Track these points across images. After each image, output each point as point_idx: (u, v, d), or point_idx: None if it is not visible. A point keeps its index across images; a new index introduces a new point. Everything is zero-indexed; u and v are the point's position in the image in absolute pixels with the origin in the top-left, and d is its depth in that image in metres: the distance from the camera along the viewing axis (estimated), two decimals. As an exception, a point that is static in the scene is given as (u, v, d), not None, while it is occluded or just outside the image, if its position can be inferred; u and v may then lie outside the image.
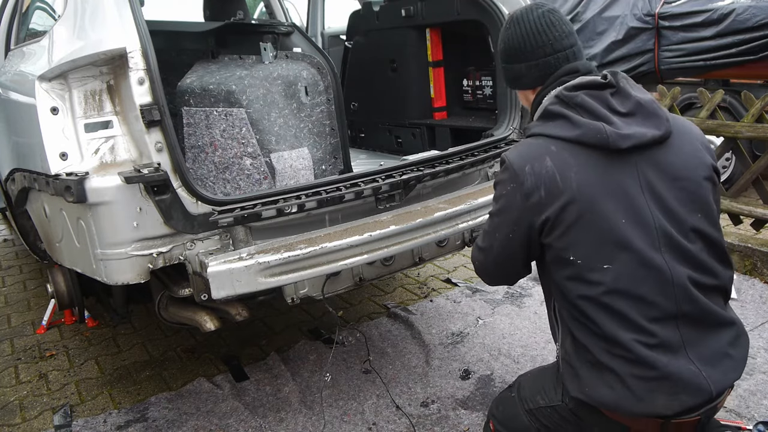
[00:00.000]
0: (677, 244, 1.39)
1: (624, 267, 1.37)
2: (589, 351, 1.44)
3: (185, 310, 2.30)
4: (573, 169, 1.38)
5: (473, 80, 3.41)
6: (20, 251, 4.79)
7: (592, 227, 1.37)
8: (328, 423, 2.52)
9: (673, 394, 1.38)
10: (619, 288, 1.37)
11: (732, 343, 1.45)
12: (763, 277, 3.56)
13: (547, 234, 1.42)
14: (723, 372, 1.42)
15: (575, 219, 1.38)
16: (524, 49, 1.54)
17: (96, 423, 2.60)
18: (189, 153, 2.50)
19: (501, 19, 2.79)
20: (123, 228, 1.90)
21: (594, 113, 1.40)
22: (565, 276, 1.44)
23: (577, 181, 1.38)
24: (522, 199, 1.42)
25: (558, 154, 1.40)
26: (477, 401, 2.61)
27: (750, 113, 4.00)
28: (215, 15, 3.32)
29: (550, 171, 1.39)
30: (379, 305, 3.60)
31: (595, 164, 1.39)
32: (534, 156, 1.42)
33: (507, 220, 1.48)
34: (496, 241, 1.54)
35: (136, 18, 1.90)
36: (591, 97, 1.41)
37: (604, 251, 1.37)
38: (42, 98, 1.90)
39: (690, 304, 1.39)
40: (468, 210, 2.35)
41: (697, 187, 1.42)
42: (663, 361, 1.38)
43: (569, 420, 1.57)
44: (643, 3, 5.94)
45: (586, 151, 1.39)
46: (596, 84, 1.43)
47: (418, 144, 3.51)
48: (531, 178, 1.40)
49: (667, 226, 1.38)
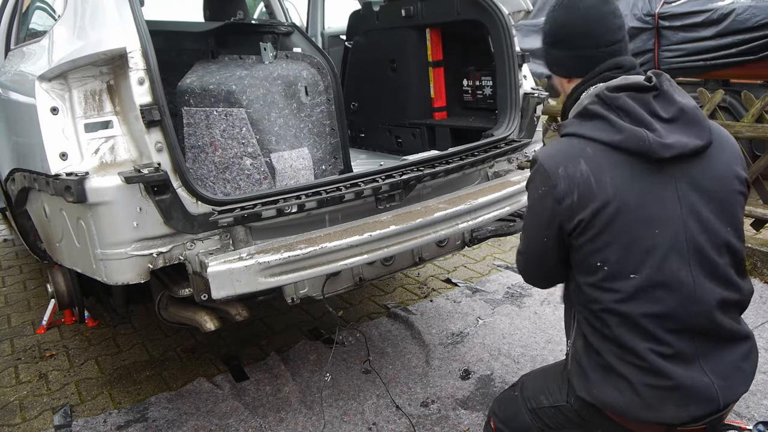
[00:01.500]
0: (707, 259, 1.36)
1: (650, 278, 1.34)
2: (601, 355, 1.42)
3: (185, 310, 2.30)
4: (609, 174, 1.33)
5: (473, 80, 3.41)
6: (20, 251, 4.79)
7: (624, 233, 1.33)
8: (328, 423, 2.52)
9: (683, 405, 1.38)
10: (642, 297, 1.35)
11: (744, 358, 1.45)
12: (763, 277, 3.56)
13: (578, 236, 1.38)
14: (734, 385, 1.41)
15: (608, 223, 1.33)
16: (570, 36, 1.45)
17: (96, 423, 2.60)
18: (189, 153, 2.50)
19: (501, 19, 2.79)
20: (123, 228, 1.90)
21: (636, 118, 1.33)
22: (588, 282, 1.41)
23: (613, 186, 1.33)
24: (554, 202, 1.38)
25: (594, 158, 1.35)
26: (477, 401, 2.61)
27: (750, 113, 4.00)
28: (215, 15, 3.32)
29: (584, 174, 1.34)
30: (379, 305, 3.60)
31: (633, 171, 1.33)
32: (568, 158, 1.37)
33: (540, 223, 1.45)
34: (531, 244, 1.52)
35: (136, 18, 1.90)
36: (633, 99, 1.35)
37: (633, 259, 1.34)
38: (42, 98, 1.90)
39: (707, 319, 1.38)
40: (468, 210, 2.35)
41: (730, 200, 1.39)
42: (677, 372, 1.36)
43: (573, 421, 1.57)
44: (643, 3, 5.94)
45: (624, 157, 1.34)
46: (640, 86, 1.36)
47: (418, 144, 3.51)
48: (564, 181, 1.35)
49: (700, 239, 1.35)
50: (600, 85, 1.40)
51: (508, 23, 2.80)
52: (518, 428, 1.71)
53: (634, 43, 6.10)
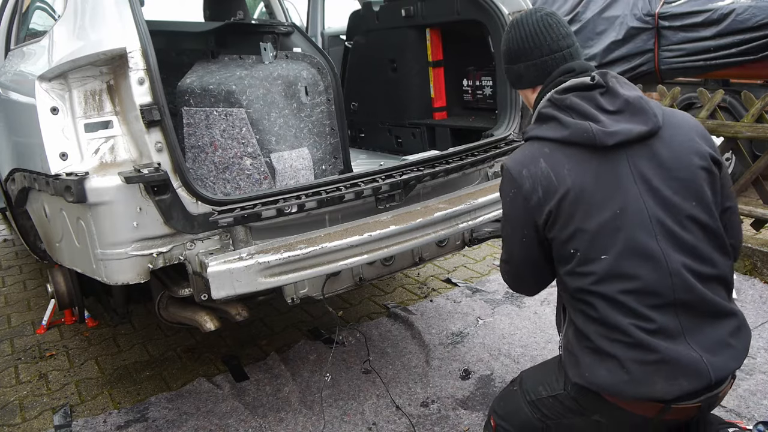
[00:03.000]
0: (672, 233, 1.43)
1: (620, 255, 1.42)
2: (589, 338, 1.48)
3: (185, 310, 2.30)
4: (566, 167, 1.46)
5: (473, 80, 3.41)
6: (20, 251, 4.79)
7: (587, 218, 1.43)
8: (328, 423, 2.52)
9: (671, 378, 1.40)
10: (616, 275, 1.42)
11: (732, 334, 1.47)
12: (763, 277, 3.56)
13: (550, 229, 1.49)
14: (723, 360, 1.43)
15: (572, 211, 1.44)
16: (523, 49, 1.60)
17: (96, 423, 2.60)
18: (189, 153, 2.50)
19: (501, 19, 2.79)
20: (123, 228, 1.90)
21: (582, 113, 1.47)
22: (567, 270, 1.49)
23: (570, 176, 1.45)
24: (523, 201, 1.50)
25: (551, 155, 1.48)
26: (477, 401, 2.61)
27: (750, 113, 4.00)
28: (215, 15, 3.32)
29: (544, 171, 1.47)
30: (379, 305, 3.60)
31: (587, 160, 1.46)
32: (529, 159, 1.51)
33: (516, 225, 1.56)
34: (514, 248, 1.62)
35: (136, 18, 1.90)
36: (580, 98, 1.48)
37: (602, 241, 1.43)
38: (42, 98, 1.90)
39: (687, 292, 1.42)
40: (468, 210, 2.35)
41: (692, 177, 1.46)
42: (662, 345, 1.40)
43: (571, 408, 1.59)
44: (643, 3, 5.94)
45: (576, 150, 1.46)
46: (585, 85, 1.49)
47: (418, 144, 3.51)
48: (528, 180, 1.49)
49: (662, 214, 1.43)
50: (552, 90, 1.55)
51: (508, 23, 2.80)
52: (518, 423, 1.72)
53: (634, 43, 6.10)
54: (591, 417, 1.57)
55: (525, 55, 1.61)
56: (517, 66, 1.64)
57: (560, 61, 1.57)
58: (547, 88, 1.57)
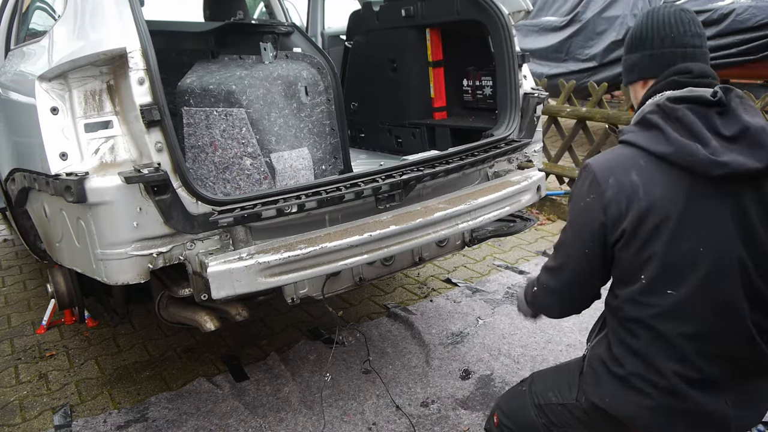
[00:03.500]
0: (753, 284, 1.32)
1: (690, 295, 1.31)
2: (623, 366, 1.41)
3: (185, 310, 2.30)
4: (659, 185, 1.30)
5: (473, 80, 3.41)
6: (20, 251, 4.79)
7: (666, 246, 1.30)
8: (328, 423, 2.52)
9: (696, 428, 1.38)
10: (678, 315, 1.33)
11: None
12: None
13: (622, 248, 1.35)
14: (750, 416, 1.41)
15: (652, 233, 1.31)
16: (645, 37, 1.44)
17: (96, 423, 2.60)
18: (189, 153, 2.50)
19: (501, 19, 2.79)
20: (123, 228, 1.90)
21: (692, 131, 1.29)
22: (625, 293, 1.39)
23: (662, 197, 1.30)
24: (601, 210, 1.35)
25: (645, 169, 1.32)
26: (477, 401, 2.61)
27: (750, 113, 3.99)
28: (215, 15, 3.32)
29: (634, 185, 1.32)
30: (379, 305, 3.60)
31: (685, 185, 1.30)
32: (620, 167, 1.35)
33: (582, 234, 1.41)
34: (571, 258, 1.46)
35: (136, 18, 1.90)
36: (693, 113, 1.31)
37: (674, 274, 1.31)
38: (42, 98, 1.90)
39: (748, 347, 1.36)
40: (468, 210, 2.35)
41: None
42: (699, 399, 1.35)
43: (580, 419, 1.57)
44: (643, 3, 5.95)
45: (676, 171, 1.30)
46: (703, 100, 1.32)
47: (418, 144, 3.51)
48: (613, 189, 1.33)
49: (750, 263, 1.31)
50: (665, 93, 1.37)
51: (508, 23, 2.80)
52: (522, 423, 1.71)
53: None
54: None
55: (645, 44, 1.43)
56: (633, 55, 1.46)
57: (680, 58, 1.39)
58: (658, 86, 1.40)
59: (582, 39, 6.70)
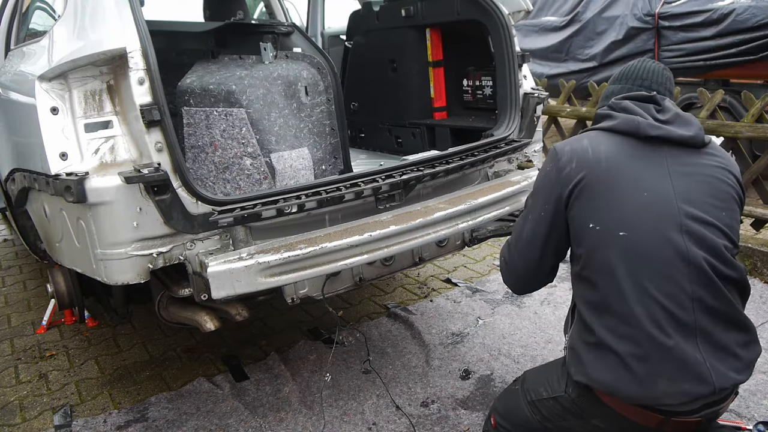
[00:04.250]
0: (697, 230, 1.44)
1: (642, 235, 1.44)
2: (593, 332, 1.47)
3: (185, 310, 2.30)
4: (604, 146, 1.54)
5: (473, 80, 3.41)
6: (20, 251, 4.79)
7: (614, 194, 1.48)
8: (328, 423, 2.52)
9: (674, 380, 1.40)
10: (634, 255, 1.42)
11: (742, 345, 1.47)
12: (763, 277, 3.56)
13: (575, 201, 1.53)
14: (727, 368, 1.42)
15: (600, 184, 1.49)
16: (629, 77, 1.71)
17: (96, 423, 2.60)
18: (189, 153, 2.50)
19: (501, 19, 2.79)
20: (123, 228, 1.90)
21: (634, 112, 1.57)
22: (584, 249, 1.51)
23: (606, 153, 1.53)
24: (557, 173, 1.56)
25: (595, 137, 1.59)
26: (477, 401, 2.61)
27: (750, 113, 4.00)
28: (215, 15, 3.32)
29: (584, 146, 1.56)
30: (379, 305, 3.60)
31: (627, 146, 1.54)
32: (574, 139, 1.62)
33: (540, 198, 1.61)
34: (527, 226, 1.65)
35: (136, 18, 1.90)
36: (636, 104, 1.59)
37: (624, 218, 1.45)
38: (42, 98, 1.90)
39: (707, 288, 1.42)
40: (468, 210, 2.35)
41: (723, 186, 1.51)
42: (669, 343, 1.39)
43: (571, 411, 1.59)
44: (643, 3, 5.95)
45: (620, 137, 1.56)
46: (643, 97, 1.61)
47: (418, 144, 3.51)
48: (567, 154, 1.56)
49: (690, 211, 1.45)
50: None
51: (508, 23, 2.80)
52: (518, 422, 1.73)
53: (634, 43, 6.11)
54: (590, 421, 1.57)
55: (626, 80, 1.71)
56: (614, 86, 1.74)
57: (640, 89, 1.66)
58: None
59: (582, 39, 6.71)
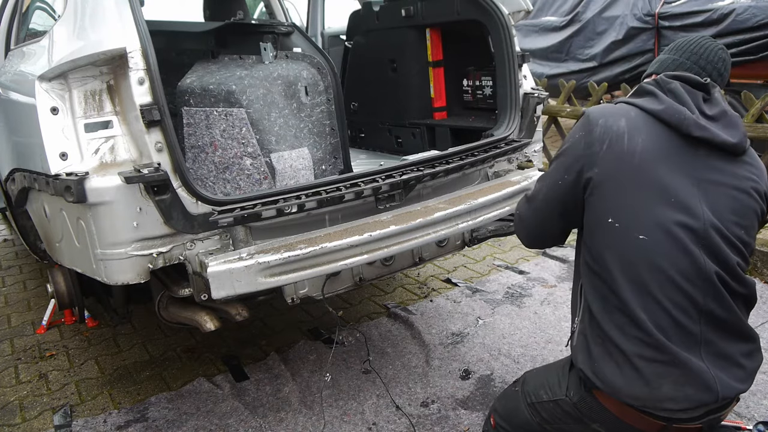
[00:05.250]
0: (715, 243, 1.41)
1: (660, 242, 1.39)
2: (601, 326, 1.45)
3: (185, 310, 2.30)
4: (642, 136, 1.43)
5: (473, 80, 3.41)
6: (20, 251, 4.79)
7: (641, 193, 1.40)
8: (328, 423, 2.52)
9: (679, 385, 1.39)
10: (650, 260, 1.39)
11: (746, 355, 1.46)
12: (763, 277, 3.56)
13: (594, 189, 1.45)
14: (731, 378, 1.42)
15: (628, 179, 1.41)
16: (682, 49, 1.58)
17: (96, 423, 2.60)
18: (189, 153, 2.50)
19: (501, 19, 2.79)
20: (123, 228, 1.90)
21: (681, 100, 1.45)
22: (597, 243, 1.46)
23: (642, 147, 1.42)
24: (585, 146, 1.46)
25: (634, 120, 1.46)
26: (477, 401, 2.61)
27: (750, 113, 4.00)
28: (215, 15, 3.32)
29: (621, 130, 1.44)
30: (379, 305, 3.60)
31: (666, 141, 1.43)
32: (612, 113, 1.48)
33: (563, 164, 1.52)
34: (545, 185, 1.59)
35: (136, 18, 1.90)
36: (685, 89, 1.47)
37: (646, 221, 1.39)
38: (42, 98, 1.90)
39: (717, 301, 1.41)
40: (468, 210, 2.35)
41: (746, 202, 1.46)
42: (675, 349, 1.39)
43: (571, 414, 1.58)
44: (643, 3, 5.94)
45: (661, 127, 1.44)
46: (694, 81, 1.48)
47: (418, 144, 3.51)
48: (600, 129, 1.45)
49: (713, 223, 1.41)
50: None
51: (508, 23, 2.80)
52: (517, 424, 1.72)
53: (634, 43, 6.10)
54: (590, 426, 1.56)
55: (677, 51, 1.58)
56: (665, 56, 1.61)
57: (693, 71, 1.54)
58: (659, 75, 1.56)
59: (582, 39, 6.70)
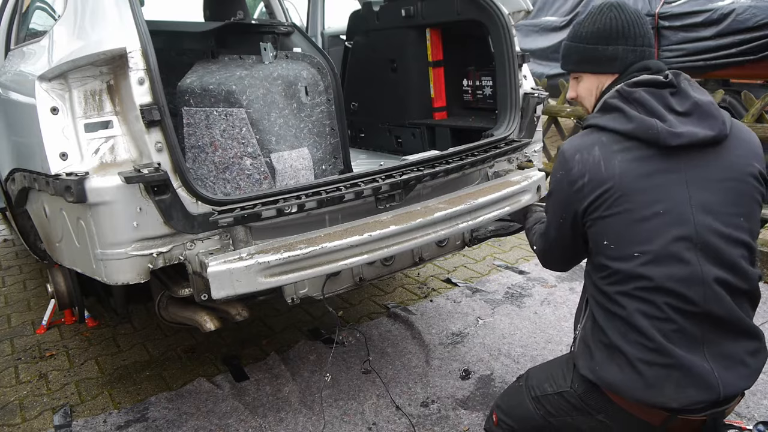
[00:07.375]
0: (712, 245, 1.41)
1: (655, 255, 1.40)
2: (605, 333, 1.47)
3: (185, 310, 2.30)
4: (618, 158, 1.43)
5: (473, 80, 3.41)
6: (20, 251, 4.79)
7: (629, 214, 1.42)
8: (328, 423, 2.52)
9: (681, 386, 1.40)
10: (647, 275, 1.40)
11: (751, 353, 1.46)
12: (763, 277, 3.57)
13: (588, 217, 1.48)
14: (735, 377, 1.42)
15: (613, 203, 1.43)
16: (628, 33, 1.52)
17: (96, 423, 2.60)
18: (189, 153, 2.50)
19: (501, 19, 2.79)
20: (123, 228, 1.90)
21: (650, 109, 1.43)
22: (598, 260, 1.50)
23: (620, 168, 1.42)
24: (568, 185, 1.49)
25: (607, 145, 1.46)
26: (477, 401, 2.61)
27: (750, 113, 4.01)
28: (215, 15, 3.32)
29: (596, 159, 1.45)
30: (379, 305, 3.60)
31: (643, 157, 1.43)
32: (585, 146, 1.49)
33: (557, 205, 1.58)
34: (551, 225, 1.65)
35: (136, 18, 1.90)
36: (649, 94, 1.45)
37: (638, 238, 1.41)
38: (42, 98, 1.90)
39: (718, 304, 1.41)
40: (468, 210, 2.35)
41: (743, 192, 1.44)
42: (677, 352, 1.39)
43: (576, 406, 1.59)
44: (643, 3, 5.94)
45: (635, 144, 1.43)
46: (657, 82, 1.47)
47: (418, 144, 3.51)
48: (578, 165, 1.47)
49: (707, 224, 1.40)
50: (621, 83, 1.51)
51: (508, 23, 2.80)
52: (521, 419, 1.72)
53: (634, 43, 6.09)
54: (595, 417, 1.56)
55: (626, 38, 1.52)
56: (614, 48, 1.54)
57: (641, 57, 1.53)
58: (619, 80, 1.53)
59: (582, 39, 6.69)
